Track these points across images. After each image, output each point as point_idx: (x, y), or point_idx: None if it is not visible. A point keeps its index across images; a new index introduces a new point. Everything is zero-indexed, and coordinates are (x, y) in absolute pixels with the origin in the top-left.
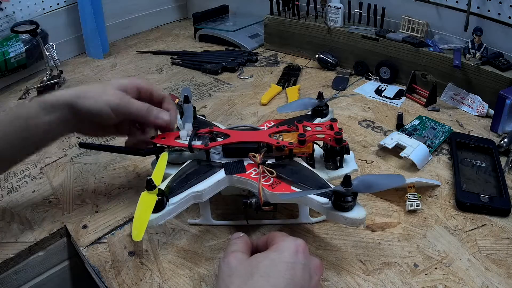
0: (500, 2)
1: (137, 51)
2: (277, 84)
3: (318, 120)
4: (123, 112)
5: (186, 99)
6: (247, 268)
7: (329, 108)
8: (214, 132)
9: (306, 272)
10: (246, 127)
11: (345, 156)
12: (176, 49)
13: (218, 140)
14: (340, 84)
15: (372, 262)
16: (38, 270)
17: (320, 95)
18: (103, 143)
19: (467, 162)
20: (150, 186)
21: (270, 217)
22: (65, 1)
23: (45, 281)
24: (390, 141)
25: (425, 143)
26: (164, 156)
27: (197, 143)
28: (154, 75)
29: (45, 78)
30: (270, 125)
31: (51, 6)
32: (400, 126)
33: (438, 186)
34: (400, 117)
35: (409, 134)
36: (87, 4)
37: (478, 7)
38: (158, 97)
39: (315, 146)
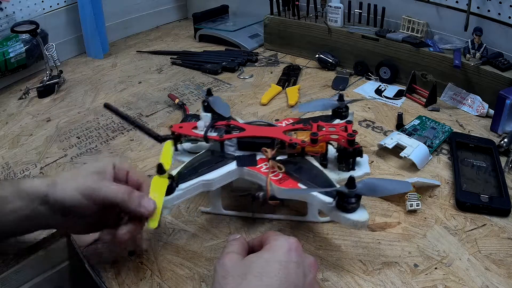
0: (500, 2)
1: (137, 51)
2: (277, 84)
3: (337, 121)
4: (97, 197)
5: (209, 92)
6: (241, 269)
7: (349, 111)
8: (231, 125)
9: (300, 270)
10: (262, 123)
11: (358, 158)
12: (176, 49)
13: (234, 133)
14: (340, 84)
15: (372, 262)
16: (38, 270)
17: (341, 97)
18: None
19: (467, 162)
20: (161, 170)
21: (277, 212)
22: (65, 1)
23: (45, 281)
24: (390, 141)
25: (425, 143)
26: (168, 144)
27: (213, 134)
28: (154, 75)
29: (45, 78)
30: (288, 123)
31: (51, 6)
32: (400, 126)
33: (438, 186)
34: (400, 117)
35: (409, 134)
36: (87, 4)
37: (478, 7)
38: (133, 182)
39: (330, 146)
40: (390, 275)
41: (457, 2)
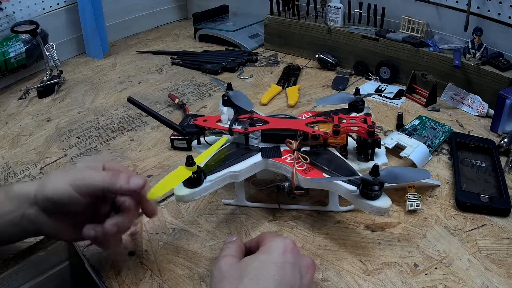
0: (500, 2)
1: (137, 51)
2: (277, 84)
3: (353, 114)
4: (86, 186)
5: (230, 87)
6: (237, 272)
7: (365, 104)
8: (254, 118)
9: (296, 272)
10: (284, 116)
11: (376, 149)
12: (176, 49)
13: (257, 126)
14: (340, 84)
15: (372, 262)
16: (38, 270)
17: (357, 91)
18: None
19: (467, 162)
20: (189, 162)
21: (300, 202)
22: (65, 1)
23: (45, 281)
24: (390, 141)
25: (425, 143)
26: (222, 140)
27: (237, 127)
28: (154, 75)
29: (45, 78)
30: (308, 116)
31: (51, 6)
32: (400, 126)
33: (438, 186)
34: (400, 117)
35: (409, 134)
36: (87, 4)
37: (478, 7)
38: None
39: (349, 138)
40: (390, 275)
41: (457, 2)
